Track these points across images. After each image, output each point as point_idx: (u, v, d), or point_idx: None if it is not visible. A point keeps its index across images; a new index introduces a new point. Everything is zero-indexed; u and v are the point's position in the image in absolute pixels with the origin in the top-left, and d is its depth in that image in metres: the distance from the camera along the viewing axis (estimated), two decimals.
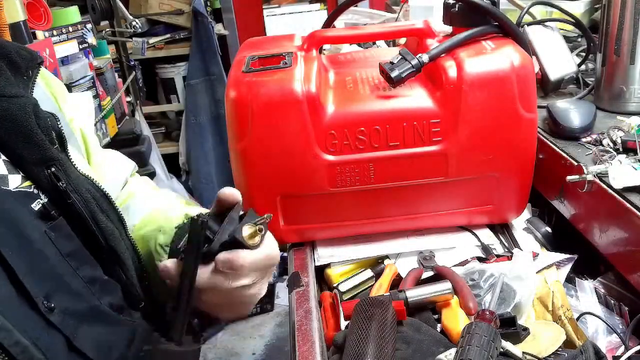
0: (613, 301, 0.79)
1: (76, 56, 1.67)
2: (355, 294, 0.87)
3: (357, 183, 0.86)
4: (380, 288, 0.84)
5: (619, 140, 0.84)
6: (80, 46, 1.70)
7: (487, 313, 0.70)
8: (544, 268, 0.85)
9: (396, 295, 0.77)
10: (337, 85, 0.91)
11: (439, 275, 0.84)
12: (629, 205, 0.72)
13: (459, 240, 0.94)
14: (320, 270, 0.91)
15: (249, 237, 0.59)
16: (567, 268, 0.86)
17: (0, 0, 1.09)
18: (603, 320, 0.75)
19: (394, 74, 0.83)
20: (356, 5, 1.77)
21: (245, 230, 0.59)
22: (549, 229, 0.93)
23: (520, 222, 0.97)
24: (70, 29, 1.65)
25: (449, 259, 0.90)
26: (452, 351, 0.65)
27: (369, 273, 0.89)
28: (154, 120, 2.92)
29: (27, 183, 0.58)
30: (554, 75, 1.07)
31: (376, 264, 0.92)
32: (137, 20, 2.39)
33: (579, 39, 1.32)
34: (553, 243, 0.92)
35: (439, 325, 0.77)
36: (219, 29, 2.76)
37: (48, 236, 0.56)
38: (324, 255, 0.93)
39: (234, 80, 0.85)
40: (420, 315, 0.77)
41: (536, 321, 0.78)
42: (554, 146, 0.91)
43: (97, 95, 1.75)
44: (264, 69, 0.86)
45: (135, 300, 0.66)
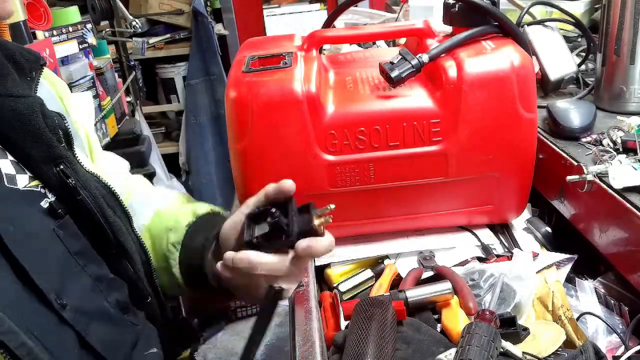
0: (613, 301, 0.79)
1: (76, 56, 1.67)
2: (355, 294, 0.87)
3: (357, 183, 0.86)
4: (380, 288, 0.84)
5: (619, 140, 0.84)
6: (80, 46, 1.70)
7: (487, 313, 0.70)
8: (544, 268, 0.85)
9: (396, 295, 0.77)
10: (337, 85, 0.91)
11: (439, 275, 0.84)
12: (629, 205, 0.72)
13: (459, 240, 0.94)
14: (320, 270, 0.91)
15: (318, 227, 0.67)
16: (567, 268, 0.86)
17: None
18: (603, 320, 0.75)
19: (394, 74, 0.83)
20: (356, 5, 1.77)
21: (316, 221, 0.66)
22: (549, 229, 0.93)
23: (520, 222, 0.97)
24: (70, 29, 1.65)
25: (449, 259, 0.90)
26: (452, 351, 0.65)
27: (369, 273, 0.89)
28: (154, 120, 2.91)
29: (35, 182, 0.59)
30: (554, 75, 1.07)
31: (376, 264, 0.92)
32: (137, 20, 2.39)
33: (579, 39, 1.32)
34: (553, 243, 0.92)
35: (439, 325, 0.77)
36: (219, 29, 2.76)
37: (56, 234, 0.57)
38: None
39: (234, 80, 0.85)
40: (420, 315, 0.77)
41: (536, 321, 0.78)
42: (554, 146, 0.91)
43: (97, 95, 1.74)
44: (264, 69, 0.86)
45: (142, 295, 0.68)
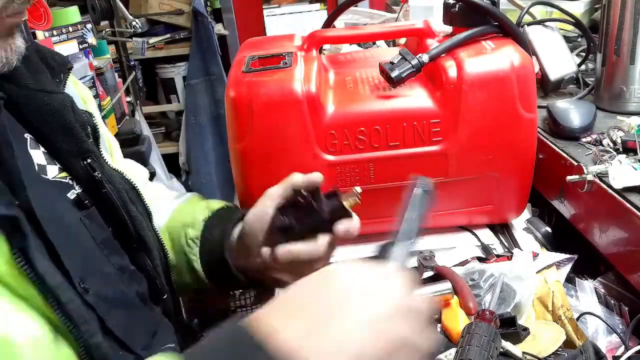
0: (613, 301, 0.79)
1: (76, 56, 1.67)
2: None
3: (357, 183, 0.86)
4: None
5: (619, 140, 0.84)
6: (80, 46, 1.70)
7: (487, 313, 0.70)
8: (544, 268, 0.85)
9: None
10: (337, 85, 0.91)
11: (439, 275, 0.84)
12: (629, 205, 0.72)
13: (459, 240, 0.94)
14: None
15: (349, 207, 0.69)
16: (567, 268, 0.86)
17: None
18: (603, 320, 0.75)
19: (394, 74, 0.83)
20: (356, 5, 1.77)
21: (346, 202, 0.69)
22: (549, 229, 0.93)
23: (520, 222, 0.97)
24: (70, 29, 1.65)
25: (449, 259, 0.90)
26: (452, 351, 0.65)
27: None
28: (154, 120, 2.91)
29: (63, 174, 0.62)
30: (554, 75, 1.07)
31: None
32: (137, 20, 2.38)
33: (579, 39, 1.32)
34: (553, 243, 0.92)
35: (439, 325, 0.77)
36: (219, 29, 2.75)
37: (83, 223, 0.60)
38: None
39: (234, 80, 0.85)
40: None
41: (536, 321, 0.78)
42: (554, 146, 0.91)
43: (97, 95, 1.74)
44: (264, 69, 0.86)
45: (159, 291, 0.70)
